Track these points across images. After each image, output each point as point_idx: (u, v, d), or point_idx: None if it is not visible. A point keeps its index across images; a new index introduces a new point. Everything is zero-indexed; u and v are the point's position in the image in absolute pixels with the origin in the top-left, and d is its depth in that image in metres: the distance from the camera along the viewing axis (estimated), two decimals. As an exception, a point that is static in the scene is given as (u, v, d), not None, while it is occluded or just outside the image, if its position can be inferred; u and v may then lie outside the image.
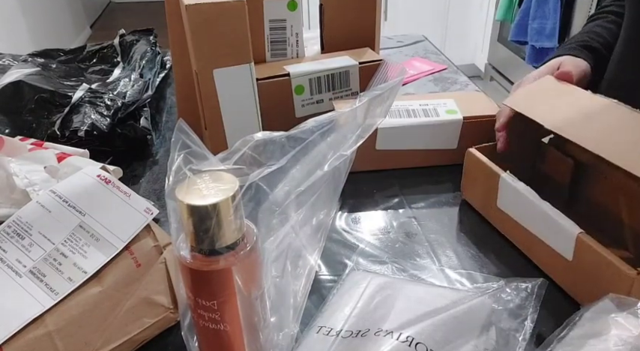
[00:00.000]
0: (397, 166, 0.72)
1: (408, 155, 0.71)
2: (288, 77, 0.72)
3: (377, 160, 0.71)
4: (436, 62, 1.08)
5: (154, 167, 0.75)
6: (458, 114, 0.70)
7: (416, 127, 0.69)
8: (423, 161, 0.72)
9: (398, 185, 0.70)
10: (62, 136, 0.73)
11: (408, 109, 0.71)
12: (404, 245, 0.59)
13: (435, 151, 0.71)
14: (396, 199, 0.67)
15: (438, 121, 0.69)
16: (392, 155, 0.71)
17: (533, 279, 0.48)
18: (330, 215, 0.60)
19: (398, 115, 0.70)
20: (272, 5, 0.73)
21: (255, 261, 0.37)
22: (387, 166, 0.72)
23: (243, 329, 0.38)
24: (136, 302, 0.46)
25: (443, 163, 0.72)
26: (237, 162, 0.42)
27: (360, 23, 0.80)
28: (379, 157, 0.71)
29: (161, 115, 0.90)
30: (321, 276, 0.55)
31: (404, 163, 0.72)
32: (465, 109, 0.71)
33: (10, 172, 0.51)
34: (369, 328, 0.44)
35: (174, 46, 0.69)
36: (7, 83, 0.78)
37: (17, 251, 0.43)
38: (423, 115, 0.70)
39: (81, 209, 0.45)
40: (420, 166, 0.72)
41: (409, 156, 0.71)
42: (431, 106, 0.72)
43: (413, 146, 0.71)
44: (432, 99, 0.74)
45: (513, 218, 0.56)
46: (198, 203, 0.33)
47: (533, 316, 0.45)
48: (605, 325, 0.41)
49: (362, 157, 0.66)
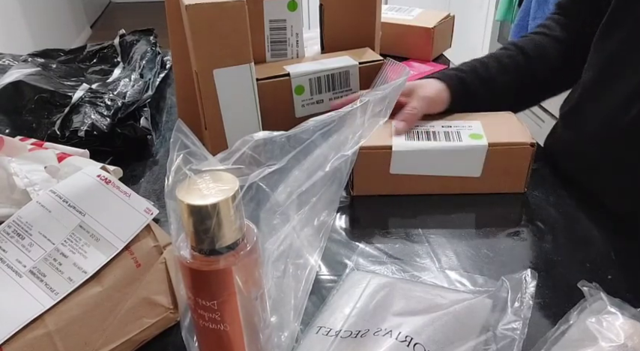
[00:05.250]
0: (412, 192, 0.66)
1: (425, 181, 0.65)
2: (288, 77, 0.72)
3: (390, 184, 0.65)
4: (436, 62, 1.08)
5: (154, 167, 0.75)
6: (483, 139, 0.63)
7: (435, 152, 0.63)
8: (442, 188, 0.65)
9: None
10: (62, 136, 0.73)
11: (429, 131, 0.65)
12: (404, 245, 0.59)
13: (455, 179, 0.65)
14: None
15: (460, 146, 0.62)
16: (407, 180, 0.65)
17: (522, 272, 0.48)
18: (331, 216, 0.60)
19: (416, 137, 0.64)
20: (272, 5, 0.73)
21: (256, 261, 0.37)
22: (400, 192, 0.66)
23: (243, 329, 0.38)
24: (136, 302, 0.46)
25: (464, 191, 0.65)
26: (237, 162, 0.42)
27: (360, 23, 0.80)
28: (393, 182, 0.65)
29: (161, 115, 0.90)
30: (321, 276, 0.55)
31: (420, 189, 0.66)
32: (491, 133, 0.64)
33: (11, 172, 0.51)
34: (368, 328, 0.44)
35: (175, 46, 0.69)
36: (7, 83, 0.78)
37: (17, 251, 0.43)
38: (444, 138, 0.63)
39: (81, 209, 0.45)
40: (437, 194, 0.66)
41: (427, 182, 0.65)
42: (454, 128, 0.65)
43: (431, 172, 0.64)
44: (456, 120, 0.67)
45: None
46: (199, 203, 0.33)
47: (527, 313, 0.45)
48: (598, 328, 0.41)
49: (374, 180, 0.65)
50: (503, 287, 0.48)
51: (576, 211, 0.63)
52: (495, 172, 0.63)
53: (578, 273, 0.53)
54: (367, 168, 0.64)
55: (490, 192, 0.65)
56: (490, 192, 0.65)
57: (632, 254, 0.57)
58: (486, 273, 0.54)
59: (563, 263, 0.55)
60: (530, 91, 0.74)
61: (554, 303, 0.50)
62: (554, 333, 0.44)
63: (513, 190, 0.65)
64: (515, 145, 0.62)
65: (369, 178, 0.65)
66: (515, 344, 0.42)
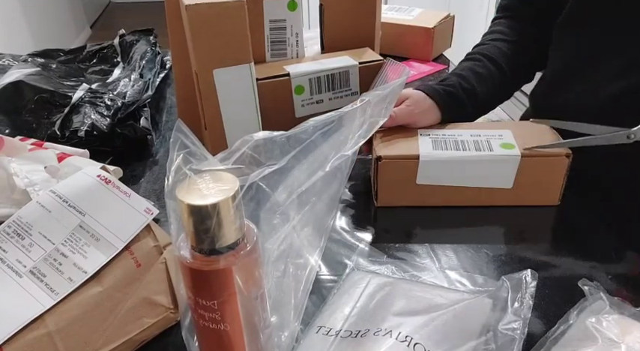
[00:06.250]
0: (438, 203, 0.63)
1: (452, 192, 0.62)
2: (288, 77, 0.72)
3: (416, 195, 0.63)
4: (436, 62, 1.08)
5: (154, 167, 0.75)
6: (515, 149, 0.60)
7: (464, 162, 0.60)
8: (471, 200, 0.63)
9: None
10: (62, 136, 0.73)
11: (457, 140, 0.62)
12: (404, 245, 0.59)
13: (485, 190, 0.62)
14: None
15: (491, 156, 0.60)
16: (434, 191, 0.62)
17: (522, 272, 0.48)
18: (331, 215, 0.60)
19: (444, 146, 0.62)
20: (272, 5, 0.73)
21: (256, 261, 0.37)
22: (426, 203, 0.63)
23: (243, 329, 0.38)
24: (136, 302, 0.46)
25: (494, 203, 0.63)
26: (237, 162, 0.42)
27: (360, 23, 0.80)
28: (419, 193, 0.63)
29: (161, 115, 0.90)
30: (321, 276, 0.55)
31: (447, 200, 0.63)
32: (523, 142, 0.61)
33: (11, 172, 0.51)
34: (368, 328, 0.44)
35: (174, 46, 0.69)
36: (7, 83, 0.78)
37: (17, 251, 0.43)
38: (473, 148, 0.61)
39: (81, 209, 0.45)
40: (466, 206, 0.64)
41: (454, 193, 0.62)
42: (484, 137, 0.63)
43: (459, 183, 0.62)
44: (486, 129, 0.65)
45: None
46: (199, 203, 0.33)
47: (527, 313, 0.45)
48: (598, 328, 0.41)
49: (399, 191, 0.63)
50: (503, 287, 0.48)
51: (576, 211, 0.63)
52: (528, 183, 0.61)
53: (578, 273, 0.53)
54: (392, 178, 0.62)
55: (521, 204, 0.63)
56: (521, 204, 0.63)
57: (632, 254, 0.57)
58: (486, 273, 0.54)
59: (563, 263, 0.55)
60: (504, 96, 0.78)
61: (554, 303, 0.50)
62: (554, 333, 0.44)
63: (546, 203, 0.63)
64: (550, 156, 0.60)
65: (394, 188, 0.63)
66: (515, 344, 0.42)
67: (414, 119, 0.66)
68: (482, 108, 0.74)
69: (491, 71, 0.73)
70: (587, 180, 0.64)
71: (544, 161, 0.60)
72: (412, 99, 0.67)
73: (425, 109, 0.67)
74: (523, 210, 0.63)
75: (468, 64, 0.74)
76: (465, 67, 0.74)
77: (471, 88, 0.70)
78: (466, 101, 0.69)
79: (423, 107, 0.67)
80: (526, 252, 0.57)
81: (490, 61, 0.74)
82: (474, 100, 0.70)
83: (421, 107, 0.66)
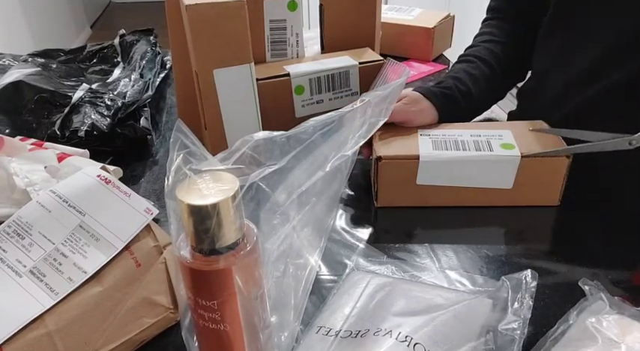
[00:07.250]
0: (439, 203, 0.64)
1: (452, 192, 0.63)
2: (288, 77, 0.72)
3: (416, 195, 0.63)
4: (436, 62, 1.08)
5: (154, 167, 0.75)
6: (515, 149, 0.60)
7: (465, 162, 0.60)
8: (471, 200, 0.63)
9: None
10: (62, 136, 0.73)
11: (457, 140, 0.62)
12: (404, 245, 0.59)
13: (485, 190, 0.62)
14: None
15: (491, 156, 0.60)
16: (434, 191, 0.62)
17: (522, 272, 0.48)
18: (331, 216, 0.60)
19: (444, 146, 0.62)
20: (272, 5, 0.73)
21: (256, 261, 0.37)
22: (426, 203, 0.64)
23: (243, 329, 0.38)
24: (136, 302, 0.46)
25: (494, 203, 0.63)
26: (237, 162, 0.42)
27: (360, 23, 0.80)
28: (419, 193, 0.63)
29: (161, 115, 0.90)
30: (321, 276, 0.55)
31: (447, 201, 0.63)
32: (523, 143, 0.61)
33: (11, 172, 0.51)
34: (368, 328, 0.44)
35: (175, 46, 0.69)
36: (7, 83, 0.78)
37: (17, 251, 0.43)
38: (473, 148, 0.61)
39: (81, 209, 0.45)
40: (466, 206, 0.64)
41: (454, 193, 0.63)
42: (484, 137, 0.63)
43: (459, 183, 0.62)
44: (486, 129, 0.65)
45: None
46: (199, 203, 0.33)
47: (527, 313, 0.45)
48: (598, 328, 0.41)
49: (399, 191, 0.63)
50: (503, 287, 0.48)
51: (576, 211, 0.63)
52: (528, 184, 0.61)
53: (578, 273, 0.53)
54: (392, 178, 0.62)
55: (521, 205, 0.63)
56: (521, 205, 0.63)
57: (632, 254, 0.57)
58: (486, 273, 0.54)
59: (563, 263, 0.55)
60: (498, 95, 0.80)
61: (554, 303, 0.50)
62: (554, 333, 0.44)
63: (546, 203, 0.63)
64: (549, 156, 0.60)
65: (394, 188, 0.63)
66: (515, 344, 0.42)
67: (409, 117, 0.66)
68: (478, 108, 0.76)
69: (484, 72, 0.74)
70: (587, 180, 0.64)
71: (544, 162, 0.60)
72: (409, 98, 0.67)
73: (421, 109, 0.67)
74: (523, 210, 0.63)
75: (461, 66, 0.76)
76: (460, 69, 0.75)
77: (466, 90, 0.71)
78: (462, 102, 0.70)
79: (420, 107, 0.67)
80: (526, 252, 0.57)
81: (483, 63, 0.75)
82: (470, 100, 0.71)
83: (418, 106, 0.67)
